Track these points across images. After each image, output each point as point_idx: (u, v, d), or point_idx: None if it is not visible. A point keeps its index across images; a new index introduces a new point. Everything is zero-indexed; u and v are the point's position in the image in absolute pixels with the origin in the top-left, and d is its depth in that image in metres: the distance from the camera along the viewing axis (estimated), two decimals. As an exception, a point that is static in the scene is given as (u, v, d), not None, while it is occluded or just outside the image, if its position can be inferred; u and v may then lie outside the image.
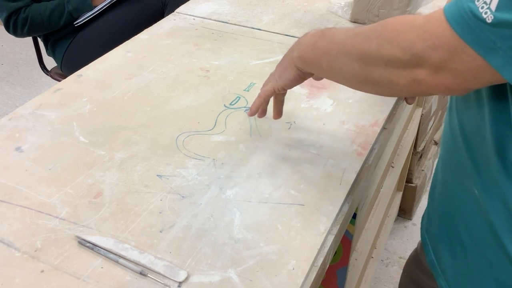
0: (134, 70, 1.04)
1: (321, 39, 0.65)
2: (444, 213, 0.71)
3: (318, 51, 0.65)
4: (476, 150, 0.60)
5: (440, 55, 0.49)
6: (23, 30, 1.55)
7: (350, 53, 0.59)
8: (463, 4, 0.48)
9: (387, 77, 0.55)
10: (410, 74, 0.52)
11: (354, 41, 0.59)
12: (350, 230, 1.02)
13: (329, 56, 0.63)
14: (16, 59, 2.95)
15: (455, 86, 0.51)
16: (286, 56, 0.73)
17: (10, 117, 0.90)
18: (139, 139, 0.84)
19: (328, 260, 0.68)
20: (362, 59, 0.57)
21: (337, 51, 0.62)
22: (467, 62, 0.48)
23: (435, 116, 1.85)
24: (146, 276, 0.61)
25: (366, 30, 0.58)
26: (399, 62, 0.53)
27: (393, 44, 0.53)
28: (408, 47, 0.51)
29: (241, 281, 0.61)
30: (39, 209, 0.71)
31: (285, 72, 0.72)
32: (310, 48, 0.66)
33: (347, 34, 0.61)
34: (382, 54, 0.54)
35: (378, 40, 0.55)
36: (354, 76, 0.60)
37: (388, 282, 1.66)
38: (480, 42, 0.47)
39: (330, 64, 0.63)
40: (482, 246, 0.62)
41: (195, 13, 1.29)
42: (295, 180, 0.76)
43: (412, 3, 1.17)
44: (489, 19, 0.45)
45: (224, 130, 0.86)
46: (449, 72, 0.50)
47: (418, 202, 1.90)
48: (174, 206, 0.71)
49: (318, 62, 0.65)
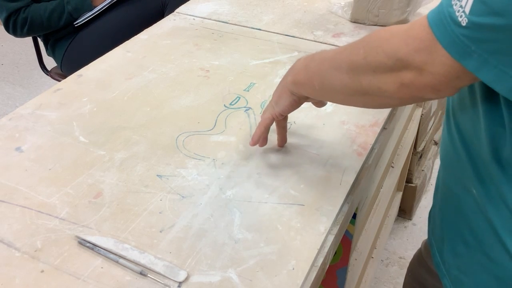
0: (134, 70, 1.04)
1: (312, 61, 0.68)
2: (446, 214, 0.72)
3: (310, 72, 0.68)
4: (473, 151, 0.61)
5: (422, 57, 0.51)
6: (22, 30, 1.55)
7: (340, 66, 0.61)
8: (443, 9, 0.49)
9: (376, 84, 0.57)
10: (397, 78, 0.54)
11: (343, 54, 0.62)
12: (350, 230, 1.02)
13: (320, 75, 0.66)
14: (16, 59, 2.95)
15: (441, 86, 0.52)
16: (281, 82, 0.75)
17: (10, 117, 0.90)
18: (139, 139, 0.84)
19: (328, 260, 0.68)
20: (351, 69, 0.59)
21: (327, 67, 0.64)
22: (446, 64, 0.49)
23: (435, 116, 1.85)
24: (146, 276, 0.61)
25: (354, 43, 0.61)
26: (386, 67, 0.54)
27: (379, 50, 0.55)
28: (393, 52, 0.53)
29: (241, 281, 0.61)
30: (39, 209, 0.71)
31: (280, 98, 0.74)
32: (302, 71, 0.69)
33: (336, 51, 0.64)
34: (369, 62, 0.56)
35: (365, 48, 0.57)
36: (344, 88, 0.62)
37: (388, 282, 1.66)
38: (455, 45, 0.48)
39: (321, 82, 0.66)
40: (483, 244, 0.63)
41: (195, 13, 1.29)
42: (295, 180, 0.76)
43: (412, 3, 1.17)
44: (463, 22, 0.46)
45: (224, 130, 0.86)
46: (431, 74, 0.51)
47: (418, 202, 1.90)
48: (174, 206, 0.71)
49: (310, 83, 0.68)
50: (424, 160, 1.87)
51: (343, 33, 1.19)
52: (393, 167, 1.48)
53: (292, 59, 1.07)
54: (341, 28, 1.21)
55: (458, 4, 0.47)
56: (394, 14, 1.18)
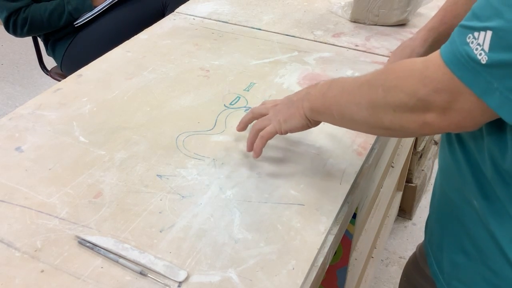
0: (134, 70, 1.04)
1: (330, 89, 0.67)
2: (445, 223, 0.71)
3: (328, 101, 0.66)
4: (475, 164, 0.60)
5: (444, 97, 0.50)
6: (22, 30, 1.55)
7: (360, 102, 0.61)
8: (459, 47, 0.49)
9: (398, 123, 0.56)
10: (419, 118, 0.54)
11: (362, 91, 0.60)
12: (350, 230, 1.02)
13: (339, 106, 0.65)
14: (16, 59, 2.95)
15: (465, 123, 0.52)
16: (295, 103, 0.73)
17: (10, 117, 0.90)
18: (139, 139, 0.84)
19: (328, 260, 0.68)
20: (371, 107, 0.59)
21: (346, 100, 0.63)
22: (469, 102, 0.49)
23: (435, 116, 1.84)
24: (146, 276, 0.61)
25: (371, 79, 0.60)
26: (407, 107, 0.54)
27: (397, 90, 0.54)
28: (413, 93, 0.53)
29: (241, 281, 0.61)
30: (39, 209, 0.71)
31: (292, 118, 0.72)
32: (320, 98, 0.68)
33: (354, 83, 0.63)
34: (389, 101, 0.56)
35: (383, 87, 0.56)
36: (365, 123, 0.62)
37: (388, 282, 1.66)
38: (477, 83, 0.48)
39: (341, 113, 0.65)
40: (485, 255, 0.62)
41: (195, 13, 1.29)
42: (295, 180, 0.76)
43: (412, 3, 1.17)
44: (483, 60, 0.46)
45: (224, 130, 0.86)
46: (456, 112, 0.51)
47: (418, 202, 1.90)
48: (174, 206, 0.71)
49: (329, 112, 0.67)
50: (424, 160, 1.87)
51: (343, 33, 1.19)
52: (393, 167, 1.48)
53: (292, 59, 1.07)
54: (341, 28, 1.21)
55: (475, 42, 0.47)
56: (394, 14, 1.18)
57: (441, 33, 0.87)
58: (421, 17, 1.24)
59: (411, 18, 1.21)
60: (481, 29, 0.46)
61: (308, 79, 1.00)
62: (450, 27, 0.86)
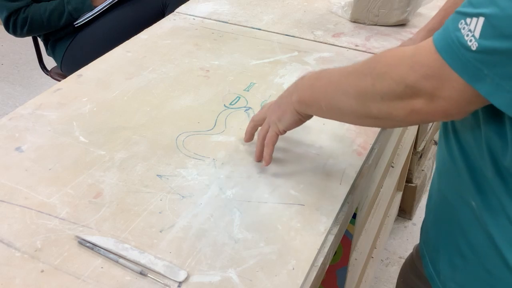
0: (134, 70, 1.04)
1: (317, 80, 0.67)
2: (441, 225, 0.71)
3: (316, 92, 0.66)
4: (473, 162, 0.60)
5: (433, 83, 0.50)
6: (22, 30, 1.55)
7: (347, 91, 0.60)
8: (450, 33, 0.48)
9: (386, 111, 0.56)
10: (407, 105, 0.53)
11: (349, 79, 0.60)
12: (350, 230, 1.02)
13: (326, 96, 0.65)
14: (16, 59, 2.95)
15: (452, 111, 0.52)
16: (284, 99, 0.73)
17: (10, 117, 0.90)
18: (139, 139, 0.84)
19: (328, 260, 0.68)
20: (359, 96, 0.59)
21: (333, 90, 0.63)
22: (458, 89, 0.49)
23: (435, 116, 1.84)
24: (146, 276, 0.61)
25: (360, 67, 0.59)
26: (395, 94, 0.54)
27: (386, 77, 0.54)
28: (401, 79, 0.52)
29: (241, 281, 0.61)
30: (39, 209, 0.71)
31: (284, 115, 0.72)
32: (308, 90, 0.68)
33: (341, 72, 0.63)
34: (377, 89, 0.56)
35: (372, 75, 0.56)
36: (353, 112, 0.61)
37: (388, 282, 1.66)
38: (467, 70, 0.47)
39: (329, 104, 0.65)
40: (482, 257, 0.62)
41: (195, 13, 1.29)
42: (295, 180, 0.76)
43: (412, 3, 1.17)
44: (473, 46, 0.46)
45: (224, 130, 0.86)
46: (443, 100, 0.51)
47: (418, 202, 1.90)
48: (174, 206, 0.71)
49: (317, 103, 0.66)
50: (424, 160, 1.87)
51: (343, 33, 1.19)
52: (393, 167, 1.48)
53: (292, 59, 1.07)
54: (341, 28, 1.21)
55: (466, 28, 0.46)
56: (394, 14, 1.18)
57: None
58: (421, 17, 1.24)
59: (411, 18, 1.21)
60: (474, 15, 0.46)
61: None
62: None
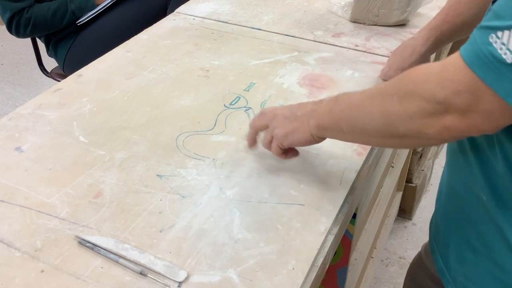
0: (134, 70, 1.04)
1: (336, 104, 0.65)
2: (451, 219, 0.71)
3: (336, 116, 0.65)
4: (485, 158, 0.60)
5: (465, 99, 0.49)
6: (26, 31, 1.55)
7: (372, 113, 0.59)
8: (481, 47, 0.48)
9: (415, 129, 0.55)
10: (438, 122, 0.52)
11: (374, 101, 0.59)
12: (350, 230, 1.02)
13: (348, 119, 0.63)
14: (16, 59, 2.95)
15: (485, 126, 0.51)
16: (298, 117, 0.70)
17: (10, 117, 0.90)
18: (139, 139, 0.84)
19: (328, 260, 0.68)
20: (386, 117, 0.57)
21: (356, 112, 0.62)
22: (492, 103, 0.48)
23: (435, 116, 1.84)
24: (146, 276, 0.61)
25: (384, 88, 0.58)
26: (425, 112, 0.53)
27: (414, 96, 0.53)
28: (431, 96, 0.51)
29: (241, 281, 0.61)
30: (39, 209, 0.71)
31: (295, 133, 0.70)
32: (327, 115, 0.66)
33: (363, 95, 0.61)
34: (405, 108, 0.54)
35: (399, 95, 0.55)
36: (378, 133, 0.60)
37: (388, 282, 1.66)
38: (501, 84, 0.47)
39: (351, 127, 0.63)
40: (492, 251, 0.62)
41: (195, 13, 1.29)
42: (295, 180, 0.76)
43: (412, 3, 1.17)
44: (509, 59, 0.45)
45: (224, 130, 0.86)
46: (477, 114, 0.50)
47: (418, 202, 1.90)
48: (174, 206, 0.71)
49: (337, 127, 0.65)
50: (424, 160, 1.87)
51: (343, 33, 1.19)
52: (393, 167, 1.48)
53: (292, 59, 1.07)
54: (341, 28, 1.21)
55: (498, 42, 0.46)
56: (394, 14, 1.18)
57: (443, 32, 0.87)
58: (421, 17, 1.24)
59: (411, 18, 1.21)
60: (505, 28, 0.45)
61: (308, 79, 1.00)
62: (452, 25, 0.86)
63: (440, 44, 0.90)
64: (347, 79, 1.00)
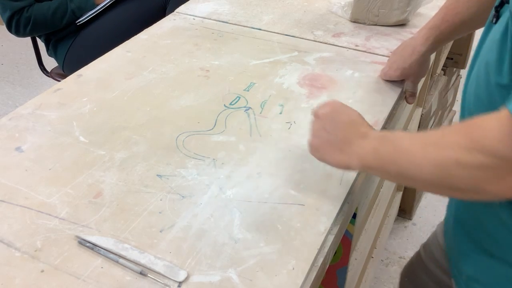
0: (134, 70, 1.04)
1: (382, 144, 0.62)
2: (466, 225, 0.70)
3: (381, 158, 0.61)
4: None
5: None
6: (25, 30, 1.55)
7: (424, 164, 0.56)
8: None
9: (474, 184, 0.53)
10: (498, 176, 0.50)
11: (427, 152, 0.55)
12: (350, 230, 1.02)
13: (396, 166, 0.59)
14: (16, 59, 2.95)
15: None
16: (339, 144, 0.66)
17: (10, 117, 0.90)
18: (139, 139, 0.84)
19: (328, 260, 0.68)
20: (441, 170, 0.54)
21: (406, 161, 0.58)
22: None
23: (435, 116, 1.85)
24: (146, 276, 0.61)
25: (438, 141, 0.55)
26: (486, 168, 0.51)
27: (473, 152, 0.51)
28: (492, 153, 0.50)
29: (241, 281, 0.61)
30: (39, 209, 0.71)
31: (329, 156, 0.67)
32: (371, 154, 0.62)
33: (413, 142, 0.58)
34: (465, 164, 0.52)
35: (455, 150, 0.53)
36: (431, 185, 0.57)
37: (388, 282, 1.66)
38: None
39: (399, 174, 0.60)
40: (506, 254, 0.62)
41: (195, 13, 1.29)
42: (295, 180, 0.76)
43: (412, 3, 1.17)
44: None
45: (224, 130, 0.86)
46: None
47: (418, 202, 1.90)
48: (174, 206, 0.71)
49: (384, 169, 0.62)
50: (424, 160, 1.87)
51: (343, 33, 1.19)
52: (393, 167, 1.47)
53: (292, 59, 1.07)
54: (341, 28, 1.21)
55: None
56: (394, 14, 1.18)
57: (442, 31, 0.87)
58: (421, 17, 1.24)
59: (411, 18, 1.21)
60: None
61: (308, 79, 1.00)
62: (451, 25, 0.86)
63: (440, 43, 0.90)
64: (347, 79, 1.00)
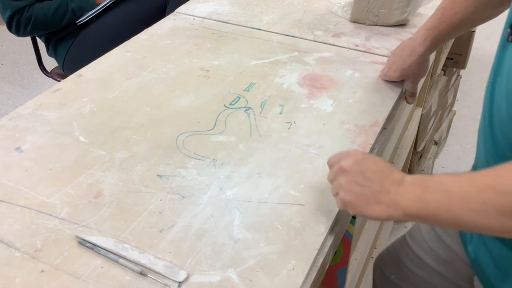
0: (134, 70, 1.04)
1: (427, 191, 0.57)
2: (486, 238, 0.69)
3: (429, 207, 0.57)
4: None
5: None
6: (26, 29, 1.55)
7: (485, 210, 0.52)
8: None
9: None
10: None
11: (485, 197, 0.52)
12: (350, 230, 1.02)
13: (450, 213, 0.55)
14: (16, 59, 2.95)
15: None
16: (375, 193, 0.62)
17: (10, 117, 0.90)
18: (139, 139, 0.84)
19: (328, 260, 0.68)
20: (504, 215, 0.51)
21: (461, 208, 0.54)
22: None
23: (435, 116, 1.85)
24: (146, 276, 0.61)
25: (494, 183, 0.52)
26: None
27: None
28: None
29: (241, 281, 0.61)
30: (39, 209, 0.71)
31: (365, 208, 0.62)
32: (415, 203, 0.58)
33: (463, 186, 0.55)
34: None
35: None
36: (490, 230, 0.54)
37: (388, 282, 1.66)
38: None
39: (454, 220, 0.56)
40: None
41: (195, 13, 1.29)
42: (295, 180, 0.76)
43: (412, 3, 1.17)
44: None
45: (224, 130, 0.86)
46: None
47: (418, 202, 1.90)
48: (174, 206, 0.71)
49: (432, 217, 0.57)
50: (424, 160, 1.87)
51: (343, 33, 1.19)
52: (393, 167, 1.47)
53: (292, 59, 1.07)
54: (341, 28, 1.21)
55: None
56: (394, 14, 1.18)
57: (441, 32, 0.87)
58: (421, 17, 1.24)
59: (411, 18, 1.21)
60: None
61: (308, 79, 1.00)
62: (449, 25, 0.86)
63: (438, 44, 0.90)
64: (347, 79, 1.00)
